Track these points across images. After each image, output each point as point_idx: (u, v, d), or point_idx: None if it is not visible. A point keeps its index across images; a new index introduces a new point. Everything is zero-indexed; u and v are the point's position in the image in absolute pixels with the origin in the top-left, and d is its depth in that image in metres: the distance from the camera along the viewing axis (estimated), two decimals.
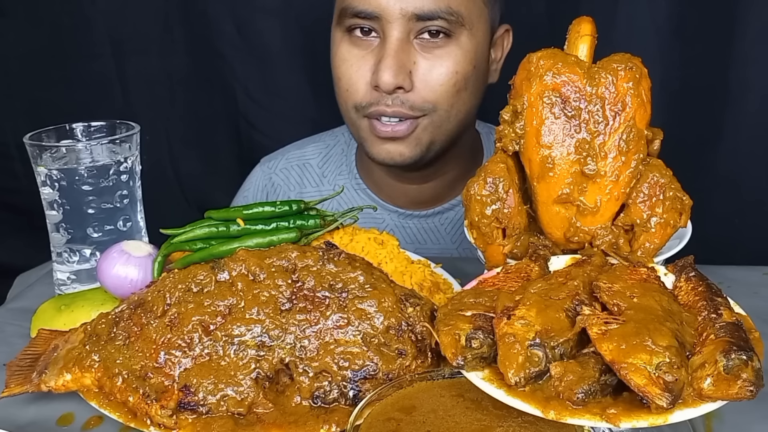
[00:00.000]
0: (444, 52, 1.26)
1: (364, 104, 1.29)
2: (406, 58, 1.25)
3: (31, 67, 2.07)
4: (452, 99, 1.28)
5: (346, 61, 1.30)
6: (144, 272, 1.00)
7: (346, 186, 1.51)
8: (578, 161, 0.81)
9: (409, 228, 1.48)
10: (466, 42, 1.27)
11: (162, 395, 0.80)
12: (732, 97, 1.79)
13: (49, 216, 1.11)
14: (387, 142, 1.31)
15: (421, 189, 1.46)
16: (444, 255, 1.46)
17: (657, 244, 0.82)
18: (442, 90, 1.27)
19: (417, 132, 1.30)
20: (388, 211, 1.48)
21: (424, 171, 1.41)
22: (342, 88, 1.32)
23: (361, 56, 1.28)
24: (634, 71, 0.80)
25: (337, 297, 0.85)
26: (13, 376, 0.87)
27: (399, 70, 1.23)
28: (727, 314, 0.69)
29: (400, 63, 1.24)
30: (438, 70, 1.26)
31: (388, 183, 1.47)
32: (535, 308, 0.68)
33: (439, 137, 1.32)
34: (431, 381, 0.77)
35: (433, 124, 1.30)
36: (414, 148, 1.31)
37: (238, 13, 1.97)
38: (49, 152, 1.08)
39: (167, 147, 2.12)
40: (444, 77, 1.26)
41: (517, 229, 0.84)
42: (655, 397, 0.60)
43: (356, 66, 1.29)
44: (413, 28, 1.24)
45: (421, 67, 1.26)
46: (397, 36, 1.24)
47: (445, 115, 1.29)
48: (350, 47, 1.29)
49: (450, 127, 1.32)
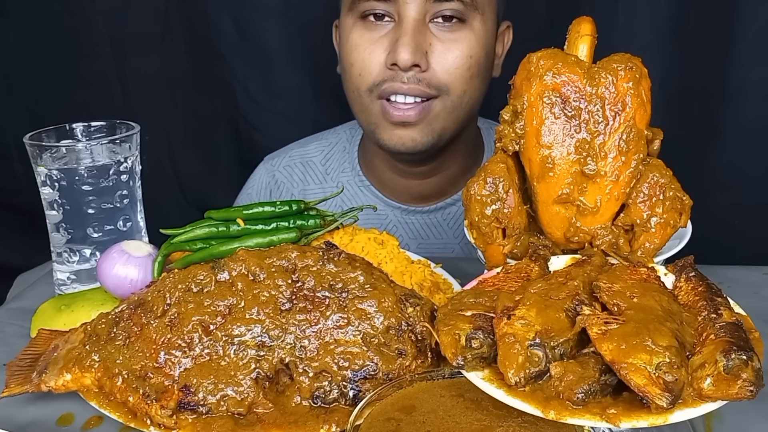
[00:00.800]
0: (458, 36, 1.28)
1: (377, 82, 1.29)
2: (423, 38, 1.26)
3: (31, 67, 2.07)
4: (466, 84, 1.30)
5: (359, 46, 1.31)
6: (144, 272, 1.00)
7: (349, 183, 1.51)
8: (578, 161, 0.81)
9: (411, 224, 1.49)
10: (479, 27, 1.29)
11: (162, 395, 0.80)
12: (732, 97, 1.79)
13: (49, 216, 1.11)
14: (398, 127, 1.31)
15: (423, 184, 1.46)
16: (447, 250, 1.47)
17: (657, 244, 0.82)
18: (457, 73, 1.28)
19: (429, 118, 1.30)
20: (391, 207, 1.48)
21: (427, 165, 1.42)
22: (354, 74, 1.32)
23: (374, 40, 1.29)
24: (634, 71, 0.80)
25: (337, 297, 0.85)
26: (13, 376, 0.87)
27: (416, 48, 1.25)
28: (727, 314, 0.69)
29: (417, 42, 1.25)
30: (453, 53, 1.28)
31: (391, 178, 1.47)
32: (535, 308, 0.68)
33: (450, 124, 1.33)
34: (431, 381, 0.77)
35: (446, 110, 1.31)
36: (426, 134, 1.32)
37: (238, 13, 1.97)
38: (49, 152, 1.08)
39: (167, 147, 2.12)
40: (459, 60, 1.28)
41: (517, 229, 0.84)
42: (655, 397, 0.60)
43: (369, 49, 1.30)
44: (429, 9, 1.26)
45: (436, 49, 1.27)
46: (414, 16, 1.25)
47: (457, 100, 1.30)
48: (363, 32, 1.30)
49: (461, 113, 1.33)
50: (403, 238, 1.47)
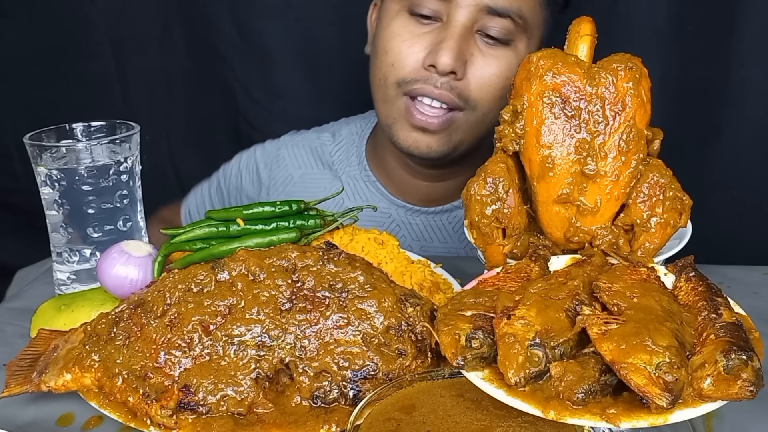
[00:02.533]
0: (501, 53, 1.26)
1: (409, 80, 1.27)
2: (466, 46, 1.24)
3: (31, 67, 2.07)
4: (494, 102, 1.28)
5: (399, 35, 1.28)
6: (144, 272, 0.99)
7: (354, 177, 1.49)
8: (578, 161, 0.81)
9: (415, 224, 1.47)
10: (522, 50, 1.27)
11: (162, 395, 0.80)
12: (732, 97, 1.78)
13: (49, 216, 1.11)
14: (417, 130, 1.29)
15: (433, 186, 1.45)
16: (450, 254, 1.45)
17: (657, 244, 0.82)
18: (489, 90, 1.27)
19: (450, 129, 1.29)
20: (396, 206, 1.46)
21: (439, 170, 1.41)
22: (386, 62, 1.29)
23: (417, 34, 1.27)
24: (634, 71, 0.80)
25: (337, 297, 0.85)
26: (13, 376, 0.87)
27: (459, 56, 1.23)
28: (727, 314, 0.69)
29: (461, 49, 1.23)
30: (491, 69, 1.26)
31: (400, 176, 1.45)
32: (535, 308, 0.68)
33: (469, 138, 1.32)
34: (431, 381, 0.77)
35: (468, 124, 1.29)
36: (443, 144, 1.31)
37: (238, 13, 1.97)
38: (49, 152, 1.08)
39: (167, 147, 2.12)
40: (495, 78, 1.26)
41: (517, 229, 0.84)
42: (655, 397, 0.60)
43: (410, 42, 1.27)
44: (479, 19, 1.24)
45: (476, 61, 1.25)
46: (463, 22, 1.23)
47: (482, 117, 1.29)
48: (407, 23, 1.28)
49: (482, 129, 1.31)
50: (405, 239, 1.45)
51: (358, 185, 1.49)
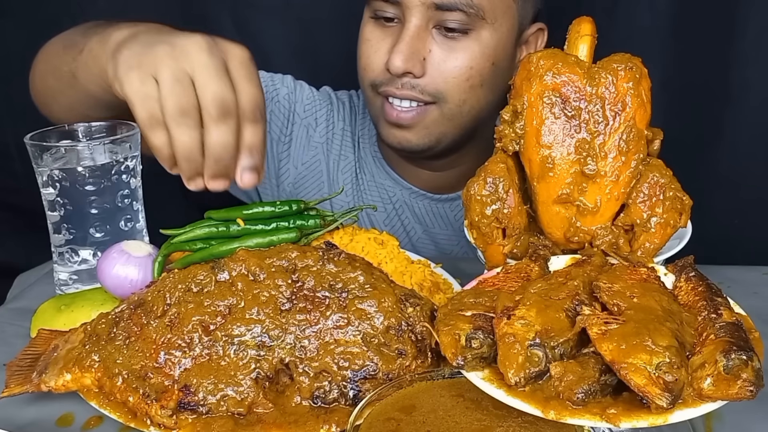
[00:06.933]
0: (460, 45, 1.27)
1: (377, 82, 1.31)
2: (421, 45, 1.26)
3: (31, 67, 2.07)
4: (464, 93, 1.29)
5: (368, 41, 1.33)
6: (144, 272, 1.00)
7: (365, 151, 1.51)
8: (578, 161, 0.81)
9: (418, 207, 1.49)
10: (486, 37, 1.28)
11: (162, 395, 0.80)
12: (732, 97, 1.78)
13: (50, 216, 1.11)
14: (394, 127, 1.33)
15: (433, 176, 1.47)
16: (451, 242, 1.47)
17: (657, 244, 0.82)
18: (454, 83, 1.28)
19: (425, 122, 1.31)
20: (401, 187, 1.49)
21: (437, 161, 1.42)
22: (360, 66, 1.35)
23: (381, 38, 1.31)
24: (634, 71, 0.80)
25: (337, 297, 0.85)
26: (13, 376, 0.87)
27: (410, 56, 1.25)
28: (727, 314, 0.69)
29: (413, 49, 1.25)
30: (452, 62, 1.27)
31: (403, 163, 1.48)
32: (535, 308, 0.68)
33: (450, 130, 1.33)
34: (431, 381, 0.77)
35: (444, 116, 1.31)
36: (422, 137, 1.33)
37: (238, 13, 1.97)
38: (49, 152, 1.08)
39: None
40: (457, 70, 1.27)
41: (517, 229, 0.84)
42: (655, 397, 0.60)
43: (376, 47, 1.31)
44: (432, 17, 1.26)
45: (435, 55, 1.27)
46: (415, 23, 1.25)
47: (456, 108, 1.30)
48: (374, 28, 1.32)
49: (463, 121, 1.32)
50: (409, 221, 1.47)
51: (366, 159, 1.51)
